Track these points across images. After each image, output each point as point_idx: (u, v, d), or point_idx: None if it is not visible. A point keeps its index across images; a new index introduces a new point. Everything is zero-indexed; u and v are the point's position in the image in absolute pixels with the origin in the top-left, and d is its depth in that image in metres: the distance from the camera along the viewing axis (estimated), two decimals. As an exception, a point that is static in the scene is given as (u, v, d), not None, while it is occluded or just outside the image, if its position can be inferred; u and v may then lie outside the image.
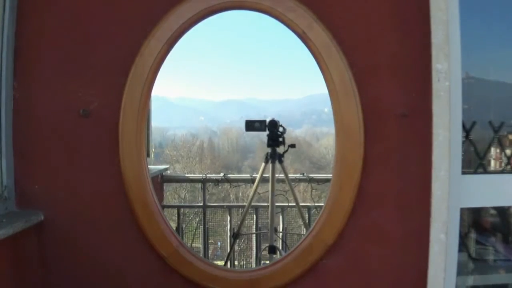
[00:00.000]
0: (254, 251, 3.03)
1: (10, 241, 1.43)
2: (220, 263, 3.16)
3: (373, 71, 1.55)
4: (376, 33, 1.55)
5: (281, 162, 2.50)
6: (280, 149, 2.50)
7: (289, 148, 2.51)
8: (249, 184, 2.95)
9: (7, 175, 1.59)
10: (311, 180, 2.84)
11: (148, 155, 2.01)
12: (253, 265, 3.22)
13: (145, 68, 1.56)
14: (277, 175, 2.51)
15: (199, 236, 3.08)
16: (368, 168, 1.55)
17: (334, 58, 1.53)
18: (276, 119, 2.48)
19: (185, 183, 4.59)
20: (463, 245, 1.76)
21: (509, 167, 1.82)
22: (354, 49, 1.54)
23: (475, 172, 1.73)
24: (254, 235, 2.98)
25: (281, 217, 2.90)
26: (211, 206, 3.11)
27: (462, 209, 1.58)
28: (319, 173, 3.04)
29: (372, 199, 1.57)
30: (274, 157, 2.49)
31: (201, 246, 3.02)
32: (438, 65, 1.46)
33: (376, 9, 1.55)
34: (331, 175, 1.62)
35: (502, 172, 1.83)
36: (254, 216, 2.94)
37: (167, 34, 1.55)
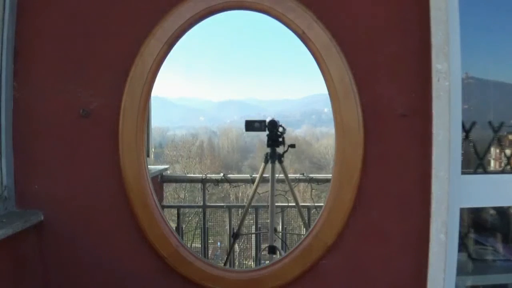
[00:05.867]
0: (254, 251, 3.03)
1: (10, 241, 1.43)
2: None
3: (373, 71, 1.55)
4: (376, 33, 1.55)
5: (281, 162, 2.49)
6: (280, 149, 2.49)
7: (289, 148, 2.51)
8: (249, 184, 2.94)
9: (7, 175, 1.59)
10: (311, 180, 2.84)
11: (148, 155, 2.01)
12: (253, 265, 3.21)
13: (145, 68, 1.56)
14: (277, 175, 2.51)
15: (199, 236, 3.08)
16: (368, 168, 1.55)
17: (334, 58, 1.53)
18: (276, 119, 2.48)
19: (185, 183, 4.58)
20: (462, 245, 1.76)
21: (508, 167, 1.82)
22: (354, 49, 1.54)
23: (474, 172, 1.73)
24: (254, 235, 2.97)
25: (281, 217, 2.90)
26: (211, 206, 3.11)
27: (461, 209, 1.58)
28: (319, 173, 3.03)
29: (372, 199, 1.57)
30: (274, 157, 2.48)
31: (201, 246, 3.02)
32: (438, 65, 1.46)
33: (376, 9, 1.55)
34: (331, 175, 1.62)
35: (502, 172, 1.83)
36: (254, 216, 2.94)
37: (167, 34, 1.55)
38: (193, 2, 1.54)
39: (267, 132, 2.47)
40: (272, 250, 2.53)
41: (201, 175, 2.92)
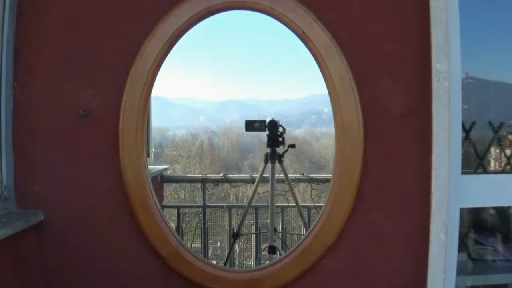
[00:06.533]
0: (254, 251, 3.03)
1: (10, 241, 1.43)
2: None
3: (373, 71, 1.55)
4: (376, 33, 1.55)
5: (281, 162, 2.49)
6: (280, 149, 2.49)
7: (289, 148, 2.50)
8: (249, 184, 2.94)
9: (7, 175, 1.59)
10: (311, 180, 2.84)
11: (148, 155, 2.01)
12: (253, 265, 3.21)
13: (145, 68, 1.56)
14: (277, 175, 2.51)
15: (199, 236, 3.08)
16: (368, 168, 1.55)
17: (334, 58, 1.53)
18: (276, 119, 2.48)
19: (185, 183, 4.58)
20: (462, 245, 1.76)
21: (508, 167, 1.82)
22: (354, 49, 1.54)
23: (474, 172, 1.73)
24: (254, 235, 2.97)
25: (281, 217, 2.90)
26: (211, 206, 3.11)
27: (461, 209, 1.58)
28: (319, 173, 3.03)
29: (372, 199, 1.57)
30: (274, 157, 2.48)
31: (201, 246, 3.02)
32: (438, 65, 1.46)
33: (376, 9, 1.55)
34: (331, 175, 1.62)
35: (502, 172, 1.84)
36: (254, 216, 2.94)
37: (167, 34, 1.55)
38: (193, 2, 1.54)
39: (267, 132, 2.47)
40: (272, 250, 2.53)
41: (201, 175, 2.92)
